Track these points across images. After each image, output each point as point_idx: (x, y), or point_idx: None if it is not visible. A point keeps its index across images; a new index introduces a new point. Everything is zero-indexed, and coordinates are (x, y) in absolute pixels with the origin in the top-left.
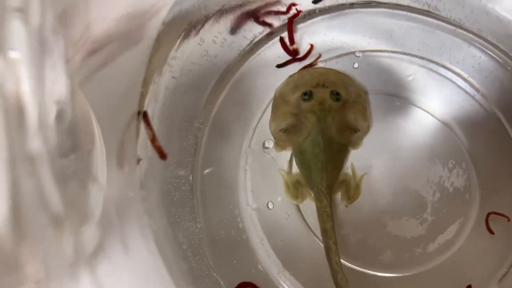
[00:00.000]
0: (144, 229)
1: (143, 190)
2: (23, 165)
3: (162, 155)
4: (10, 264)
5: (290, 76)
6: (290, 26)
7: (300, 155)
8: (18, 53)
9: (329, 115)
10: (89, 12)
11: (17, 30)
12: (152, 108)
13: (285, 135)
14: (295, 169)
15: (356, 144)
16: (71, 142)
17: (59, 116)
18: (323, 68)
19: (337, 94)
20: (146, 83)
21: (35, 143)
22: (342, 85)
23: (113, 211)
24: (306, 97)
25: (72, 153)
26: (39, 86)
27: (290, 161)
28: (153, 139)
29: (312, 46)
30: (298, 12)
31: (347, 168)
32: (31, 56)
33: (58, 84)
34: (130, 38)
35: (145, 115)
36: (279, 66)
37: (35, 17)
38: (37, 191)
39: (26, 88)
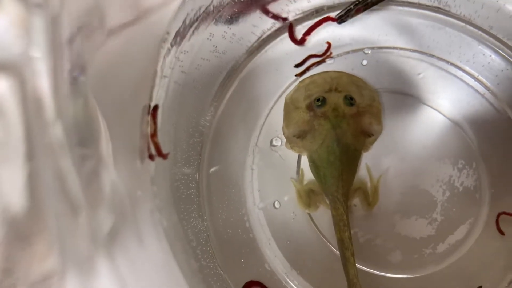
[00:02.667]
0: (156, 226)
1: (154, 185)
2: (44, 155)
3: (160, 153)
4: (21, 237)
5: (301, 82)
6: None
7: (315, 163)
8: (38, 49)
9: (344, 121)
10: (105, 8)
11: (37, 25)
12: (162, 102)
13: (300, 140)
14: (307, 175)
15: (367, 148)
16: (86, 131)
17: (76, 107)
18: (334, 71)
19: (351, 98)
20: (155, 76)
21: (55, 133)
22: (355, 88)
23: (127, 204)
24: (319, 103)
25: (86, 142)
26: (56, 79)
27: (300, 168)
28: (153, 135)
29: (329, 44)
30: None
31: (361, 169)
32: (50, 51)
33: (75, 77)
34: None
35: (154, 109)
36: (297, 65)
37: (53, 12)
38: (57, 180)
39: (44, 82)
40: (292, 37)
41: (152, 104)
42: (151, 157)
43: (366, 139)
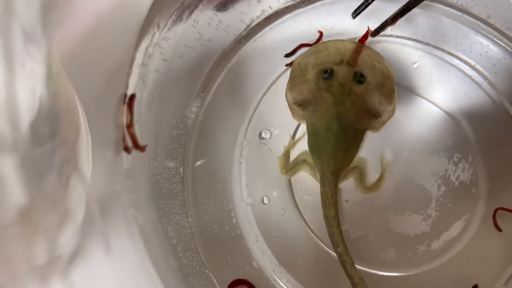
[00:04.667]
0: (129, 224)
1: (130, 179)
2: None
3: (136, 145)
4: None
5: (314, 47)
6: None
7: (311, 135)
8: None
9: (349, 98)
10: None
11: None
12: (140, 91)
13: (301, 109)
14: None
15: (376, 128)
16: (48, 130)
17: (34, 102)
18: (351, 41)
19: (361, 76)
20: (132, 64)
21: None
22: (369, 65)
23: (96, 205)
24: (326, 75)
25: (48, 142)
26: (6, 68)
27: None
28: (129, 125)
29: (321, 33)
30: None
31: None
32: None
33: (33, 69)
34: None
35: (131, 98)
36: (287, 55)
37: None
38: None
39: None
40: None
41: (129, 93)
42: (126, 149)
43: (373, 120)
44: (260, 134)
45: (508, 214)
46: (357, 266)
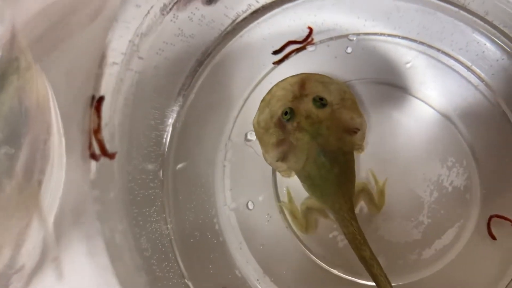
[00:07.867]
0: (92, 240)
1: (96, 189)
2: None
3: (104, 152)
4: None
5: (262, 101)
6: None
7: (307, 181)
8: None
9: (322, 126)
10: None
11: None
12: (112, 91)
13: (284, 163)
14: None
15: (360, 147)
16: (6, 131)
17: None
18: (292, 76)
19: (321, 99)
20: (103, 63)
21: None
22: (321, 87)
23: (52, 231)
24: (288, 116)
25: (7, 144)
26: None
27: (285, 188)
28: (97, 131)
29: (311, 29)
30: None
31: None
32: None
33: None
34: (88, 10)
35: (99, 101)
36: (275, 52)
37: None
38: None
39: None
40: None
41: (97, 95)
42: (93, 156)
43: (353, 137)
44: (245, 135)
45: (503, 222)
46: (344, 276)
